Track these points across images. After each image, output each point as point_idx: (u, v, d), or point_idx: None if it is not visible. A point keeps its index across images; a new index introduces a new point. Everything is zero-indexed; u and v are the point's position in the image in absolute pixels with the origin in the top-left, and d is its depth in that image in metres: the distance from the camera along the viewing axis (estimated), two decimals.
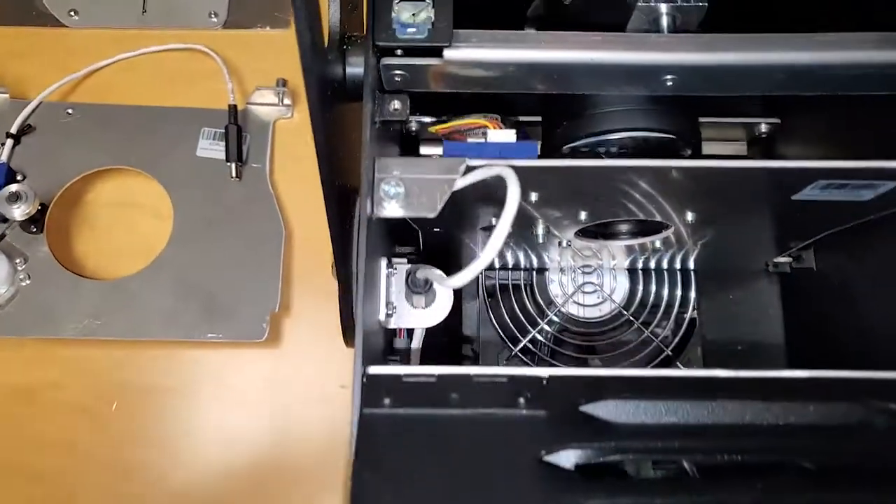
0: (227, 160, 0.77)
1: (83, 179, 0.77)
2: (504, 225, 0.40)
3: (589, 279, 0.71)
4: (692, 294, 0.70)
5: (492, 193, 0.46)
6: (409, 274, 0.50)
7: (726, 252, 0.67)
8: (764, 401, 0.39)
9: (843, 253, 0.61)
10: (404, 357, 0.55)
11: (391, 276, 0.51)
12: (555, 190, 0.51)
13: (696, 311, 0.70)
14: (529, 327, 0.69)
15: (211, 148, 0.78)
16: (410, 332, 0.57)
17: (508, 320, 0.69)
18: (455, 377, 0.39)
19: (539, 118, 0.62)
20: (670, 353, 0.68)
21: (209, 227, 0.76)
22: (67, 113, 0.78)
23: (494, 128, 0.50)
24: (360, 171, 0.46)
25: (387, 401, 0.38)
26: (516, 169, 0.46)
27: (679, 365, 0.68)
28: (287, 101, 0.80)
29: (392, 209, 0.45)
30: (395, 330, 0.56)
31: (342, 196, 0.47)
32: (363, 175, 0.45)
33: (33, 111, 0.77)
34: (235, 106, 0.77)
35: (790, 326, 0.69)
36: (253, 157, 0.79)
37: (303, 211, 0.79)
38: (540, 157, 0.59)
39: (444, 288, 0.52)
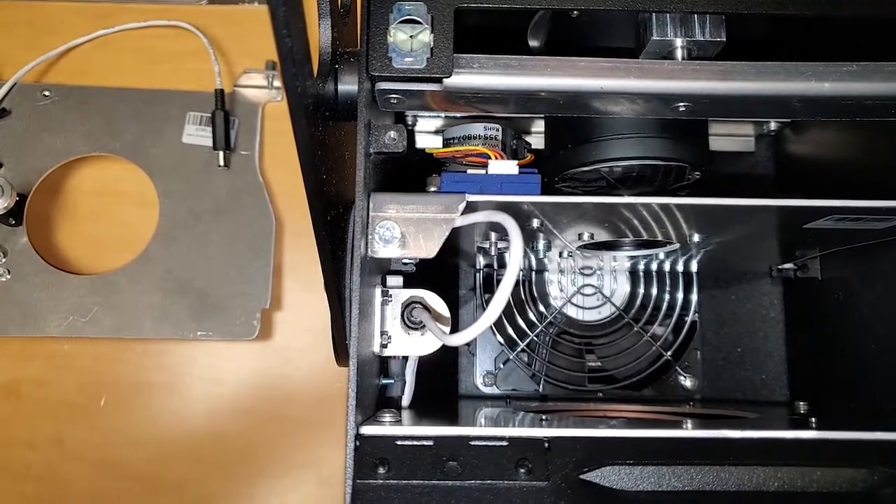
0: (215, 148, 0.73)
1: (63, 167, 0.74)
2: (507, 285, 0.38)
3: (589, 281, 0.69)
4: (693, 297, 0.68)
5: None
6: (405, 306, 0.48)
7: (730, 258, 0.65)
8: (771, 465, 0.38)
9: (849, 267, 0.59)
10: (399, 379, 0.54)
11: (386, 305, 0.49)
12: (557, 217, 0.48)
13: (696, 314, 0.69)
14: (527, 330, 0.68)
15: (197, 134, 0.75)
16: None
17: (505, 321, 0.68)
18: (452, 440, 0.38)
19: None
20: (670, 357, 0.67)
21: (197, 219, 0.73)
22: (44, 95, 0.74)
23: (496, 157, 0.47)
24: (353, 193, 0.44)
25: (381, 470, 0.36)
26: (518, 205, 0.44)
27: (679, 370, 0.67)
28: (276, 83, 0.76)
29: (388, 251, 0.43)
30: None
31: (334, 223, 0.44)
32: (357, 212, 0.42)
33: (7, 93, 0.73)
34: (222, 90, 0.74)
35: (791, 331, 0.68)
36: (241, 143, 0.75)
37: (293, 199, 0.76)
38: (541, 172, 0.57)
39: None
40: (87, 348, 0.72)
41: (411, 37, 0.42)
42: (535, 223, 0.49)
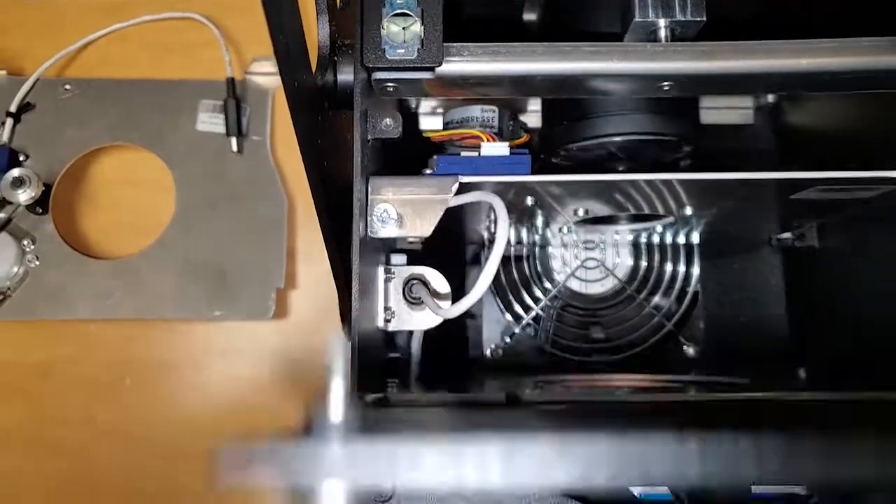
0: (228, 134, 0.76)
1: (85, 157, 0.77)
2: (495, 259, 0.40)
3: (592, 255, 0.70)
4: (695, 269, 0.70)
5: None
6: (405, 283, 0.50)
7: (729, 230, 0.66)
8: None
9: (845, 235, 0.61)
10: (405, 353, 0.56)
11: (389, 282, 0.51)
12: (550, 195, 0.50)
13: (698, 285, 0.70)
14: (532, 303, 0.70)
15: (210, 121, 0.77)
16: None
17: (511, 296, 0.70)
18: None
19: None
20: (672, 327, 0.69)
21: (212, 204, 0.76)
22: (65, 89, 0.77)
23: (488, 140, 0.49)
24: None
25: None
26: (510, 184, 0.47)
27: (682, 339, 0.69)
28: None
29: (385, 232, 0.45)
30: None
31: (338, 206, 0.47)
32: (355, 195, 0.45)
33: (31, 88, 0.77)
34: (233, 79, 0.76)
35: (792, 299, 0.69)
36: (253, 129, 0.78)
37: (304, 181, 0.76)
38: (539, 149, 0.59)
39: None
40: (111, 328, 0.76)
41: (403, 28, 0.44)
42: (530, 201, 0.51)
